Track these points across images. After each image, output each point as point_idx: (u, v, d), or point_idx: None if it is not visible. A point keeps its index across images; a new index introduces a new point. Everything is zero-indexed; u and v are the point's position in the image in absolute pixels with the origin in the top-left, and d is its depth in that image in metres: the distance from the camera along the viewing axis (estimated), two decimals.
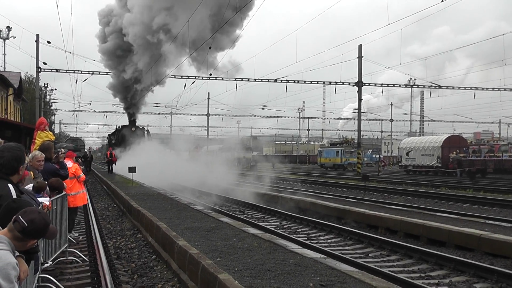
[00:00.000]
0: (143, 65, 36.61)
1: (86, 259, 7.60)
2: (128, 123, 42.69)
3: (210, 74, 37.56)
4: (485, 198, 17.97)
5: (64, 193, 7.32)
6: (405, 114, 75.64)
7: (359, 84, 37.20)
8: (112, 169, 30.35)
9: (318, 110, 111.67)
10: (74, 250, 8.02)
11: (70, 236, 8.60)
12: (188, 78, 39.92)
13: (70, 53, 55.34)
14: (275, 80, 40.96)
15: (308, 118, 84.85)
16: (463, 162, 34.85)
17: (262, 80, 40.81)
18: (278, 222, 13.44)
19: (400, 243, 9.38)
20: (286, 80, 40.82)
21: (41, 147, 7.61)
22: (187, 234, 7.84)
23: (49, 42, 36.48)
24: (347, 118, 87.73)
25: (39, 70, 37.53)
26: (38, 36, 36.18)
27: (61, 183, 6.96)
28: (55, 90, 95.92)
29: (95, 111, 64.68)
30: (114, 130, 45.17)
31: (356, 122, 41.57)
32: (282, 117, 77.34)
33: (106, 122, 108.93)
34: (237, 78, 40.43)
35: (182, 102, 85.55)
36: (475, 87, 45.37)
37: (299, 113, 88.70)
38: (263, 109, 62.91)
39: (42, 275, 5.84)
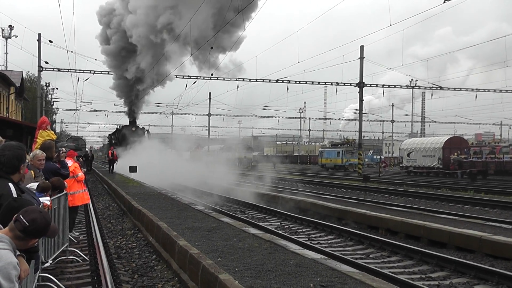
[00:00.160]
0: (146, 65, 36.65)
1: (87, 259, 7.60)
2: (128, 123, 42.75)
3: (212, 74, 37.61)
4: (486, 199, 17.94)
5: (64, 192, 7.32)
6: (406, 115, 75.68)
7: (361, 85, 37.17)
8: (113, 168, 30.40)
9: (319, 110, 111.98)
10: (75, 249, 8.02)
11: (70, 235, 8.60)
12: (189, 78, 39.95)
13: (72, 52, 55.24)
14: (277, 80, 40.95)
15: (309, 118, 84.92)
16: (464, 163, 34.80)
17: (263, 80, 40.79)
18: (279, 223, 13.43)
19: (400, 244, 9.37)
20: (287, 80, 40.81)
21: (42, 146, 7.61)
22: (188, 234, 7.84)
23: (51, 41, 36.53)
24: (348, 119, 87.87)
25: (41, 69, 37.58)
26: (40, 35, 36.29)
27: (62, 183, 6.97)
28: (57, 89, 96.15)
29: (96, 111, 64.80)
30: (115, 130, 45.21)
31: (357, 123, 41.53)
32: (283, 117, 77.39)
33: (108, 122, 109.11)
34: (238, 78, 40.46)
35: (184, 102, 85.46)
36: (477, 89, 45.35)
37: (300, 113, 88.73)
38: (265, 109, 62.89)
39: (43, 274, 5.84)
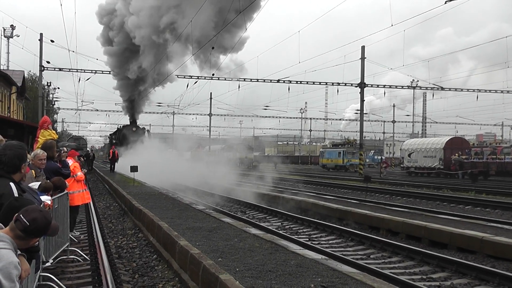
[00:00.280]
0: (147, 65, 36.69)
1: (87, 258, 7.60)
2: (129, 123, 42.81)
3: (213, 74, 37.60)
4: (487, 200, 17.93)
5: (65, 191, 7.33)
6: (407, 115, 75.52)
7: (362, 85, 37.15)
8: (114, 168, 30.43)
9: (321, 111, 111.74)
10: (75, 249, 8.02)
11: (71, 234, 8.61)
12: (190, 78, 39.95)
13: (74, 52, 55.39)
14: (278, 80, 40.94)
15: (310, 118, 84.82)
16: (465, 164, 34.77)
17: (264, 80, 40.77)
18: (280, 223, 13.43)
19: (401, 245, 9.36)
20: (288, 80, 40.79)
21: (43, 146, 7.62)
22: (189, 234, 7.84)
23: (52, 41, 36.54)
24: (350, 119, 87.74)
25: (42, 68, 37.59)
26: (41, 35, 36.31)
27: (63, 182, 6.98)
28: (58, 88, 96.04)
29: (98, 110, 64.93)
30: (116, 130, 45.30)
31: (358, 123, 41.55)
32: (284, 117, 77.49)
33: (109, 121, 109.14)
34: (239, 79, 40.47)
35: (185, 102, 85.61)
36: (478, 89, 45.27)
37: (302, 113, 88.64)
38: (266, 109, 62.91)
39: (43, 274, 5.84)
